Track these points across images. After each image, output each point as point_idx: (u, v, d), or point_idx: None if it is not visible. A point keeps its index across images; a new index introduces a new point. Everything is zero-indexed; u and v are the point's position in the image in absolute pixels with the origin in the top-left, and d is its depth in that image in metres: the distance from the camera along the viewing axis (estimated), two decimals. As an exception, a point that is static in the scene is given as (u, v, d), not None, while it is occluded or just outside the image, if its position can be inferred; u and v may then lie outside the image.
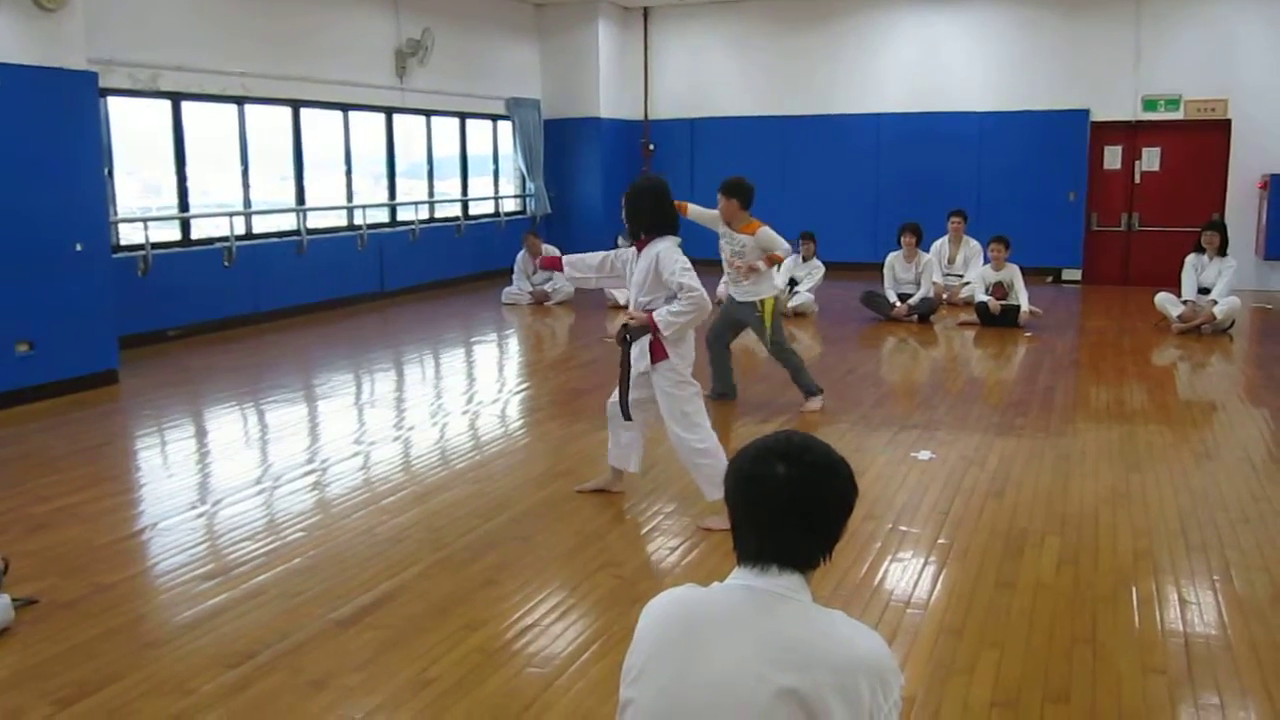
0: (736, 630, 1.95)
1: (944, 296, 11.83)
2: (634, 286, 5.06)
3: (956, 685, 3.44)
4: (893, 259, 11.39)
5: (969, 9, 14.60)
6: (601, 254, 5.32)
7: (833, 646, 1.91)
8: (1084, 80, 14.07)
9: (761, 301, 7.23)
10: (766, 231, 7.09)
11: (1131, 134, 14.13)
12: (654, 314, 4.92)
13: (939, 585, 4.28)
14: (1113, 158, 14.30)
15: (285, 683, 3.48)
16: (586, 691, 3.41)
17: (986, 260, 11.28)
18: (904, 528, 4.95)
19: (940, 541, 4.76)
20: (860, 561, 4.50)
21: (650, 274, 4.95)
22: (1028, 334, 10.29)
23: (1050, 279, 14.13)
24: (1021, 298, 10.70)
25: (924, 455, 6.11)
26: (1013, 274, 10.85)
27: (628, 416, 5.17)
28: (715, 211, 7.24)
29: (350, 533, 4.99)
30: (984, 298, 10.77)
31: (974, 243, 12.12)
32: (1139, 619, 3.95)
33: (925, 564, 4.49)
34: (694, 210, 7.20)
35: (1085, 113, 14.11)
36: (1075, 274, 14.33)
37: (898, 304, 11.07)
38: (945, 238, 12.31)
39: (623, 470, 5.43)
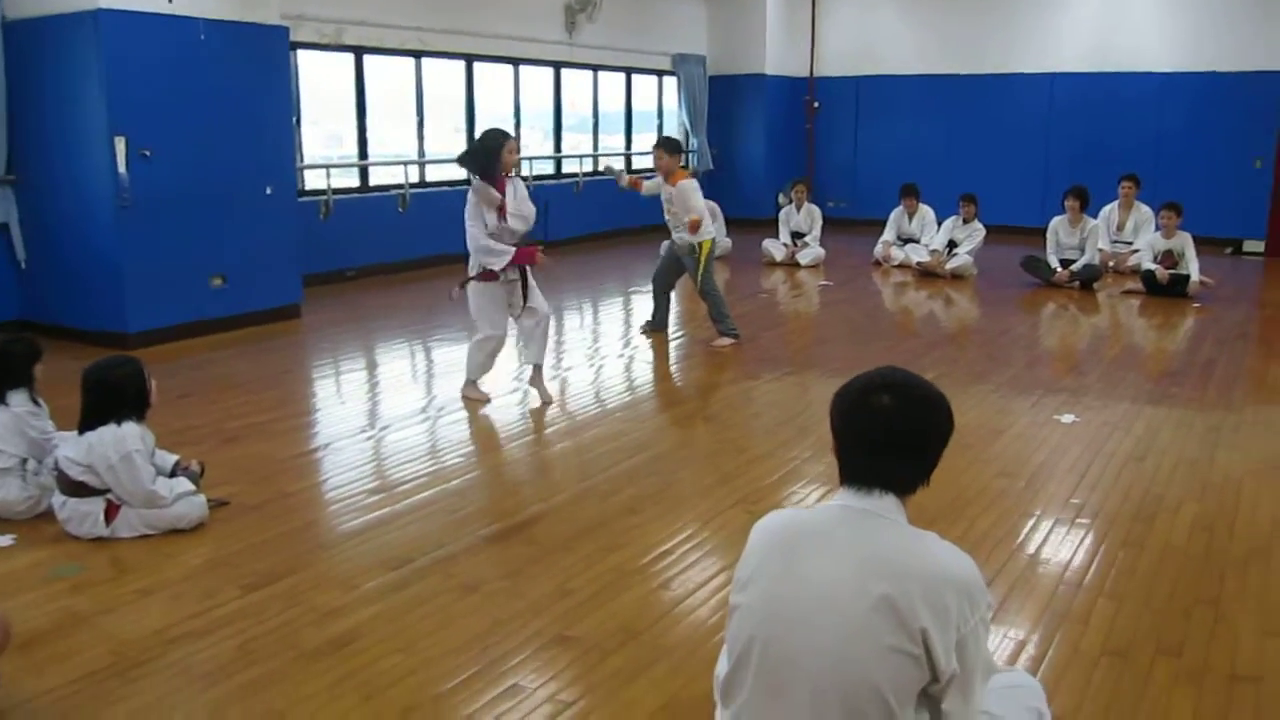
0: (837, 544, 2.16)
1: (1110, 264, 11.51)
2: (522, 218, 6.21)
3: (1069, 632, 3.54)
4: (1056, 223, 11.13)
5: (1156, -36, 13.99)
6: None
7: (923, 561, 2.09)
8: (1277, 40, 13.32)
9: (700, 244, 7.89)
10: (684, 186, 7.82)
11: (1330, 98, 13.33)
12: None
13: (1063, 540, 4.34)
14: (1306, 124, 13.52)
15: (439, 585, 3.86)
16: (710, 612, 3.66)
17: (1158, 228, 10.92)
18: (1036, 486, 5.01)
19: (1073, 501, 4.80)
20: (988, 513, 4.60)
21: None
22: (1196, 305, 9.95)
23: (1230, 250, 13.50)
24: (1192, 267, 10.32)
25: (1067, 418, 6.09)
26: (1184, 242, 10.47)
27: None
28: (656, 179, 8.16)
29: (505, 461, 5.38)
30: (1151, 266, 10.45)
31: (1145, 209, 11.71)
32: (1269, 586, 3.94)
33: (1054, 522, 4.55)
34: (646, 185, 8.43)
35: (1278, 74, 13.37)
36: (1258, 245, 13.62)
37: (1059, 270, 10.85)
38: (1115, 203, 11.93)
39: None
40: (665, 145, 7.99)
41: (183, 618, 3.62)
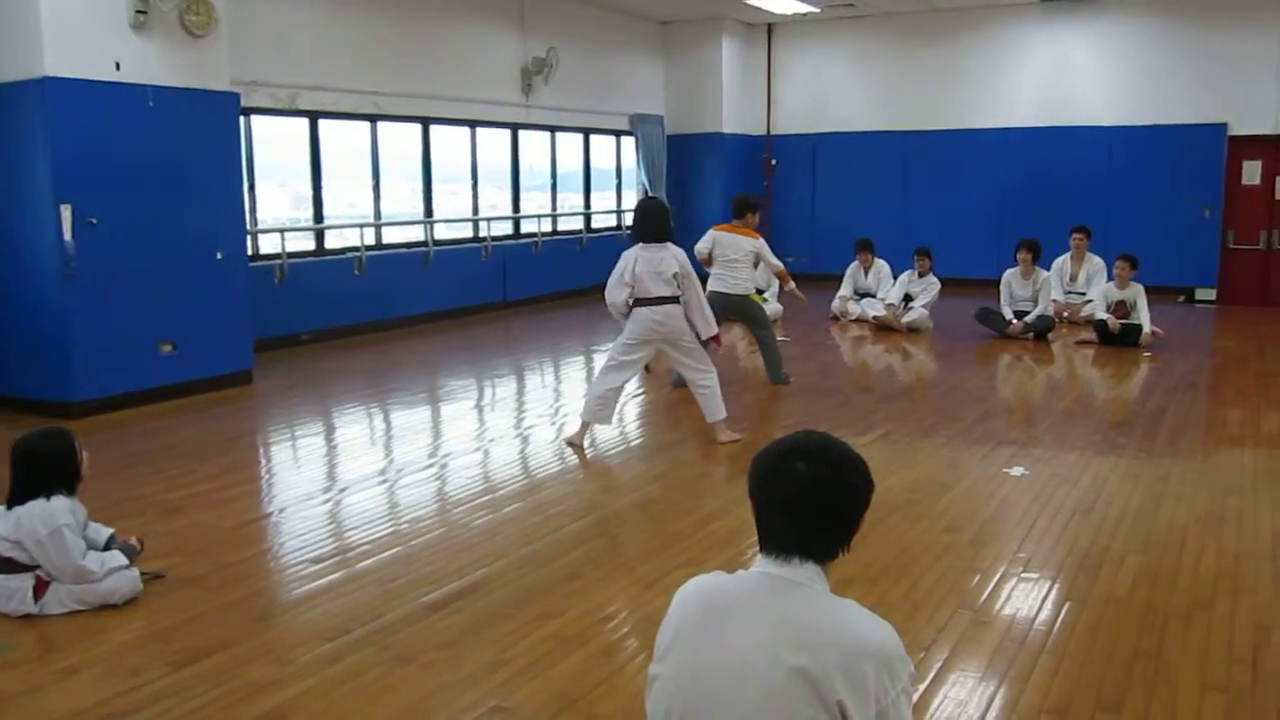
0: (753, 614, 2.12)
1: (1064, 315, 11.66)
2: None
3: (1009, 691, 3.51)
4: (1009, 276, 11.27)
5: (1101, 21, 14.31)
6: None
7: (840, 632, 2.05)
8: (1222, 93, 13.65)
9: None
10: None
11: (1273, 148, 13.61)
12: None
13: (1007, 596, 4.33)
14: (1252, 173, 13.80)
15: (374, 657, 3.79)
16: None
17: (1110, 278, 11.08)
18: (983, 540, 5.00)
19: (1018, 555, 4.80)
20: (933, 570, 4.59)
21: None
22: (1148, 354, 10.07)
23: (1182, 298, 13.72)
24: (1144, 318, 10.47)
25: (1016, 471, 6.12)
26: (1136, 293, 10.63)
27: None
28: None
29: (450, 526, 5.31)
30: (1104, 316, 10.58)
31: (1097, 260, 11.89)
32: (1208, 638, 3.94)
33: (998, 576, 4.54)
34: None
35: (1223, 126, 13.68)
36: (1209, 294, 13.88)
37: (1013, 321, 10.95)
38: (1068, 255, 12.10)
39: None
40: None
41: (109, 696, 3.53)
